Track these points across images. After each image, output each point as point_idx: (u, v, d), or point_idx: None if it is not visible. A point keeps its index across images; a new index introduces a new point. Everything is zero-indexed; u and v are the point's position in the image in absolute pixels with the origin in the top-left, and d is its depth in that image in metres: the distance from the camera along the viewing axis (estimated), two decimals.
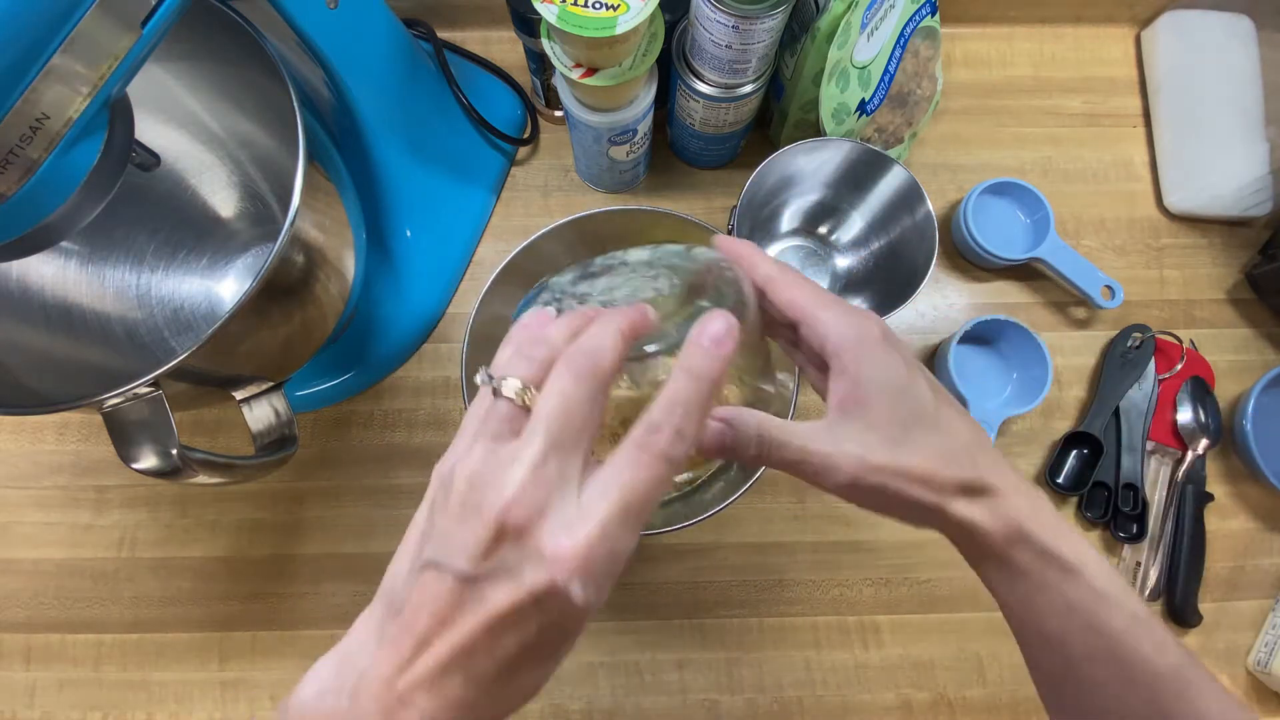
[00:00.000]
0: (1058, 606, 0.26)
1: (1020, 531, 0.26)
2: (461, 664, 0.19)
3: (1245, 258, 0.61)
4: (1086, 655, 0.26)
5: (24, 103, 0.25)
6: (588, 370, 0.21)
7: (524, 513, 0.19)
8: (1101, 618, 0.26)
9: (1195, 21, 0.62)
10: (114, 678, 0.53)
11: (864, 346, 0.26)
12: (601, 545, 0.19)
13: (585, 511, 0.19)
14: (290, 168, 0.38)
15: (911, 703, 0.53)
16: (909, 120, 0.57)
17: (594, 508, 0.19)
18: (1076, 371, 0.59)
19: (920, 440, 0.26)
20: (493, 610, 0.19)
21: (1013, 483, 0.26)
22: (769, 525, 0.55)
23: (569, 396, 0.20)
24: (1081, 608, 0.26)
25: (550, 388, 0.21)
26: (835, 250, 0.59)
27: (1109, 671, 0.26)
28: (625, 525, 0.20)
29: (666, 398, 0.21)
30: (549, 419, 0.20)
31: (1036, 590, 0.26)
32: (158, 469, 0.35)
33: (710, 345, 0.22)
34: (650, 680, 0.53)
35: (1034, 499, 0.27)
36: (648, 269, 0.29)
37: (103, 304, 0.51)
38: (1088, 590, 0.26)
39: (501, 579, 0.19)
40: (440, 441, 0.56)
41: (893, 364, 0.26)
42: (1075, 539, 0.26)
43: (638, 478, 0.20)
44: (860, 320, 0.27)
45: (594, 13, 0.41)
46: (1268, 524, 0.56)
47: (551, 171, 0.62)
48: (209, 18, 0.39)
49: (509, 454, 0.20)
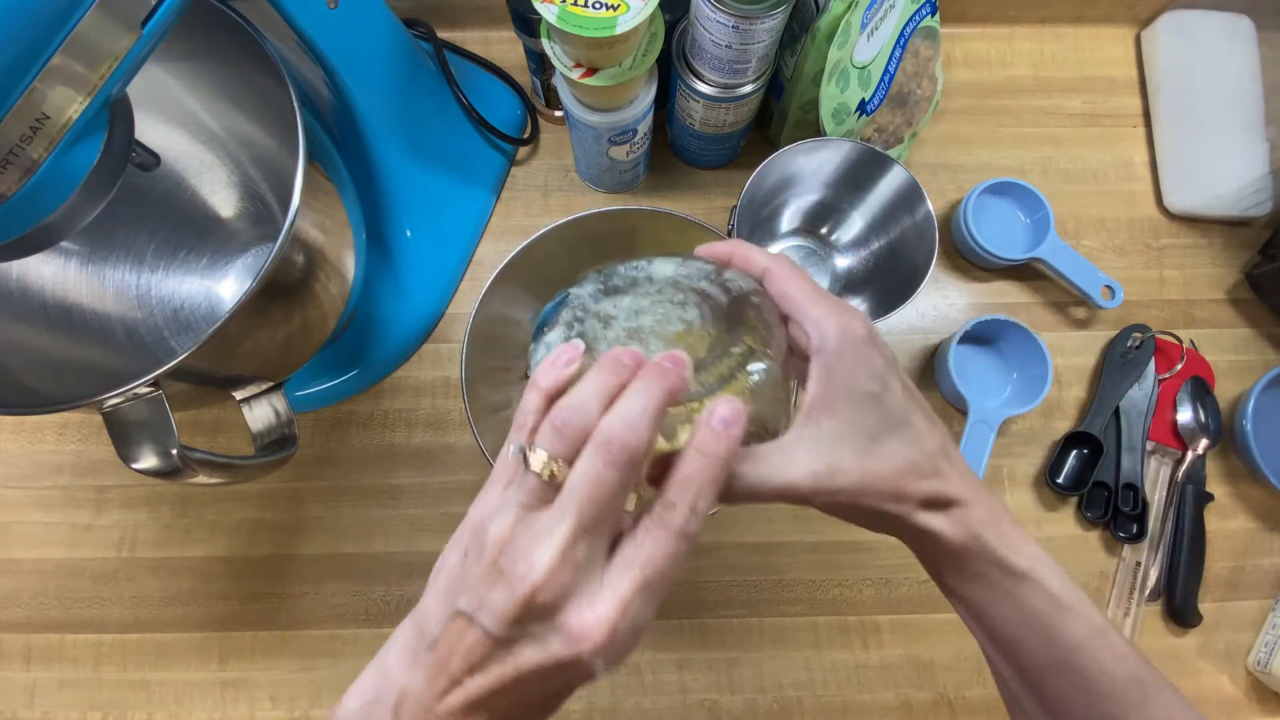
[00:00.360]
0: (1015, 615, 0.26)
1: (977, 539, 0.26)
2: (487, 703, 0.21)
3: (1245, 258, 0.61)
4: (1046, 665, 0.26)
5: (24, 103, 0.25)
6: (622, 459, 0.21)
7: (553, 593, 0.20)
8: (1059, 627, 0.26)
9: (1195, 21, 0.62)
10: (114, 678, 0.53)
11: (845, 347, 0.26)
12: (623, 621, 0.21)
13: (608, 589, 0.21)
14: (290, 168, 0.38)
15: (911, 703, 0.53)
16: (909, 120, 0.57)
17: (617, 585, 0.21)
18: (1076, 371, 0.59)
19: (887, 451, 0.25)
20: (520, 668, 0.21)
21: (973, 492, 0.27)
22: (769, 525, 0.55)
23: (601, 483, 0.21)
24: (1038, 617, 0.26)
25: (583, 468, 0.21)
26: (835, 250, 0.59)
27: (1068, 681, 0.26)
28: (645, 600, 0.21)
29: (681, 475, 0.22)
30: (580, 503, 0.21)
31: (993, 597, 0.27)
32: (158, 469, 0.35)
33: (721, 428, 0.23)
34: (650, 680, 0.53)
35: (993, 509, 0.27)
36: (674, 291, 0.28)
37: (103, 304, 0.51)
38: (1044, 598, 0.26)
39: (528, 644, 0.21)
40: (440, 441, 0.56)
41: (872, 367, 0.26)
42: (1031, 548, 0.27)
43: (656, 555, 0.21)
44: (847, 320, 0.26)
45: (594, 13, 0.41)
46: (1268, 524, 0.56)
47: (551, 171, 0.62)
48: (209, 18, 0.39)
49: (541, 528, 0.21)
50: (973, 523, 0.26)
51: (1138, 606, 0.54)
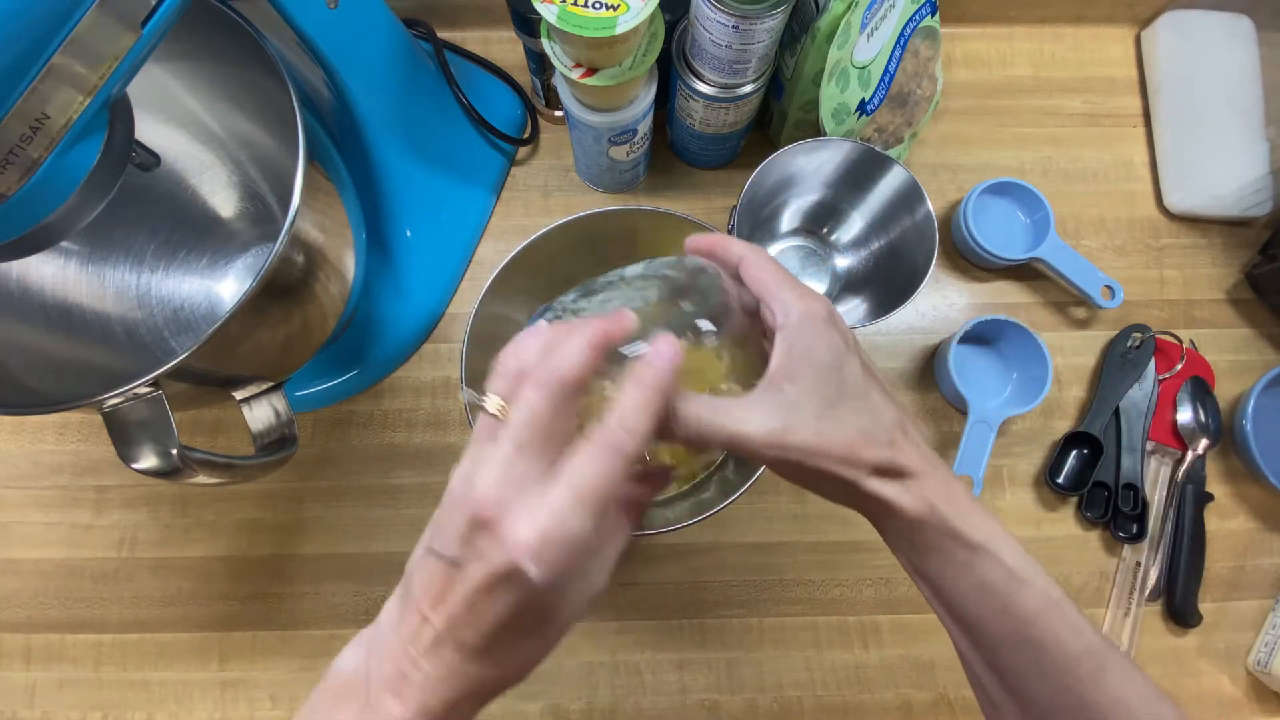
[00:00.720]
0: (971, 588, 0.27)
1: (932, 510, 0.26)
2: (453, 634, 0.23)
3: (1245, 258, 0.61)
4: (1003, 638, 0.27)
5: (24, 102, 0.25)
6: (551, 382, 0.23)
7: (494, 509, 0.22)
8: (1015, 599, 0.26)
9: (1195, 21, 0.62)
10: (114, 678, 0.53)
11: (806, 323, 0.27)
12: (556, 529, 0.22)
13: (542, 500, 0.22)
14: (290, 168, 0.38)
15: (911, 703, 0.53)
16: (909, 120, 0.57)
17: (550, 495, 0.22)
18: (1076, 371, 0.59)
19: (843, 418, 0.26)
20: (470, 587, 0.22)
21: (929, 465, 0.27)
22: (769, 525, 0.55)
23: (533, 407, 0.23)
24: (994, 590, 0.26)
25: (520, 396, 0.23)
26: (835, 250, 0.59)
27: (1024, 654, 0.26)
28: (580, 513, 0.22)
29: (616, 402, 0.24)
30: (515, 426, 0.23)
31: (950, 570, 0.27)
32: (158, 469, 0.35)
33: (655, 358, 0.25)
34: (650, 680, 0.53)
35: (949, 481, 0.28)
36: (642, 281, 0.31)
37: (103, 304, 0.51)
38: (1000, 570, 0.26)
39: (475, 561, 0.22)
40: (440, 441, 0.56)
41: (831, 342, 0.27)
42: (987, 520, 0.27)
43: (587, 468, 0.22)
44: (809, 301, 0.28)
45: (594, 13, 0.41)
46: (1268, 524, 0.56)
47: (551, 171, 0.62)
48: (209, 18, 0.39)
49: (487, 454, 0.23)
50: (927, 493, 0.27)
51: (1138, 606, 0.54)
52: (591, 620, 0.54)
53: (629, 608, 0.54)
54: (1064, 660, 0.26)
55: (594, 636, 0.53)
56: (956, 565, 0.27)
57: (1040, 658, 0.26)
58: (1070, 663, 0.26)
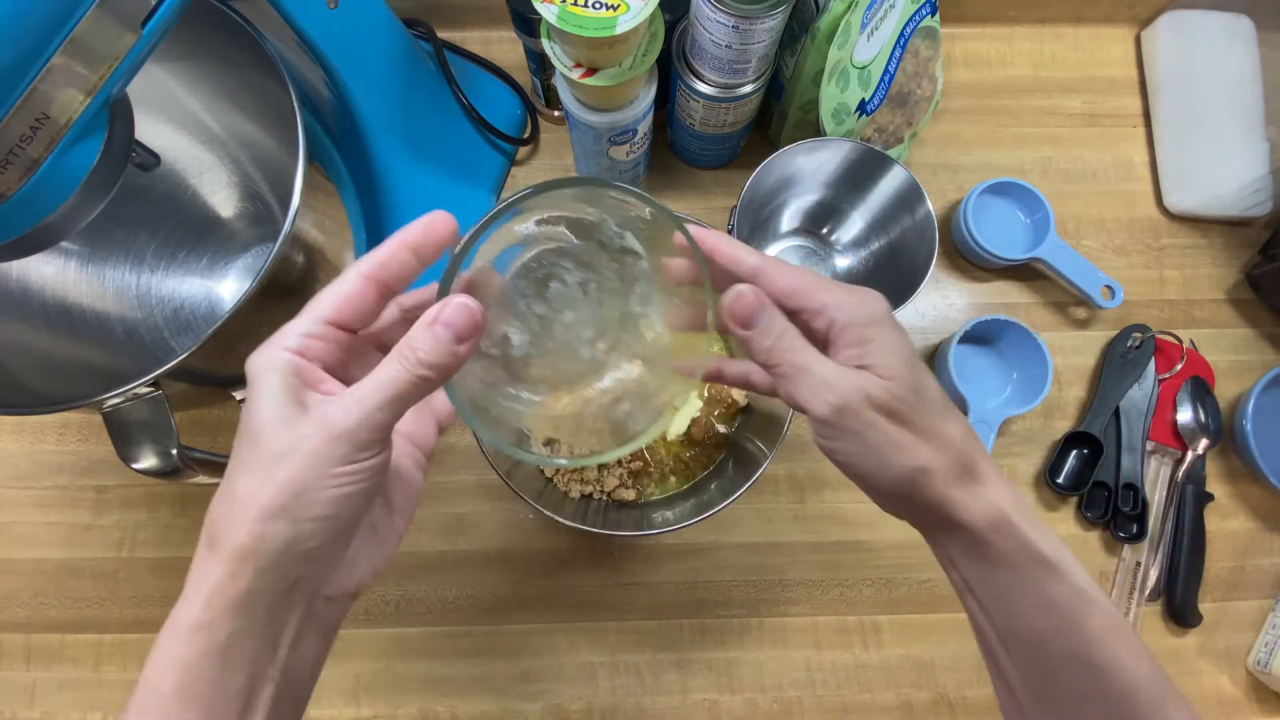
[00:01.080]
0: (1038, 603, 0.26)
1: (1005, 519, 0.25)
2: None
3: (1245, 258, 0.61)
4: (1064, 658, 0.25)
5: (24, 102, 0.25)
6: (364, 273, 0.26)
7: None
8: (1083, 620, 0.25)
9: (1195, 21, 0.62)
10: (114, 678, 0.53)
11: (878, 319, 0.26)
12: (356, 408, 0.24)
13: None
14: (290, 168, 0.38)
15: (911, 703, 0.53)
16: (909, 120, 0.57)
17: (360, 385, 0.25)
18: (1076, 371, 0.59)
19: (923, 413, 0.25)
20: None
21: (997, 473, 0.27)
22: (769, 525, 0.55)
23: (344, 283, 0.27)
24: (1062, 608, 0.25)
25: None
26: (835, 250, 0.59)
27: (1085, 676, 0.25)
28: (380, 401, 0.24)
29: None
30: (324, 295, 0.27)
31: (1016, 584, 0.26)
32: (158, 469, 0.35)
33: (437, 314, 0.24)
34: (650, 680, 0.53)
35: (1018, 496, 0.27)
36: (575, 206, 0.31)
37: (103, 304, 0.51)
38: (1069, 588, 0.25)
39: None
40: (440, 442, 0.54)
41: (905, 338, 0.26)
42: (1055, 538, 0.26)
43: (383, 372, 0.24)
44: (868, 298, 0.26)
45: (594, 13, 0.41)
46: (1268, 524, 0.56)
47: (552, 171, 0.62)
48: (209, 18, 0.39)
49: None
50: (1001, 502, 0.26)
51: (1138, 606, 0.54)
52: (592, 620, 0.53)
53: (629, 608, 0.54)
54: (1127, 686, 0.25)
55: (594, 636, 0.53)
56: (1025, 580, 0.26)
57: (1101, 680, 0.25)
58: (1133, 689, 0.25)
